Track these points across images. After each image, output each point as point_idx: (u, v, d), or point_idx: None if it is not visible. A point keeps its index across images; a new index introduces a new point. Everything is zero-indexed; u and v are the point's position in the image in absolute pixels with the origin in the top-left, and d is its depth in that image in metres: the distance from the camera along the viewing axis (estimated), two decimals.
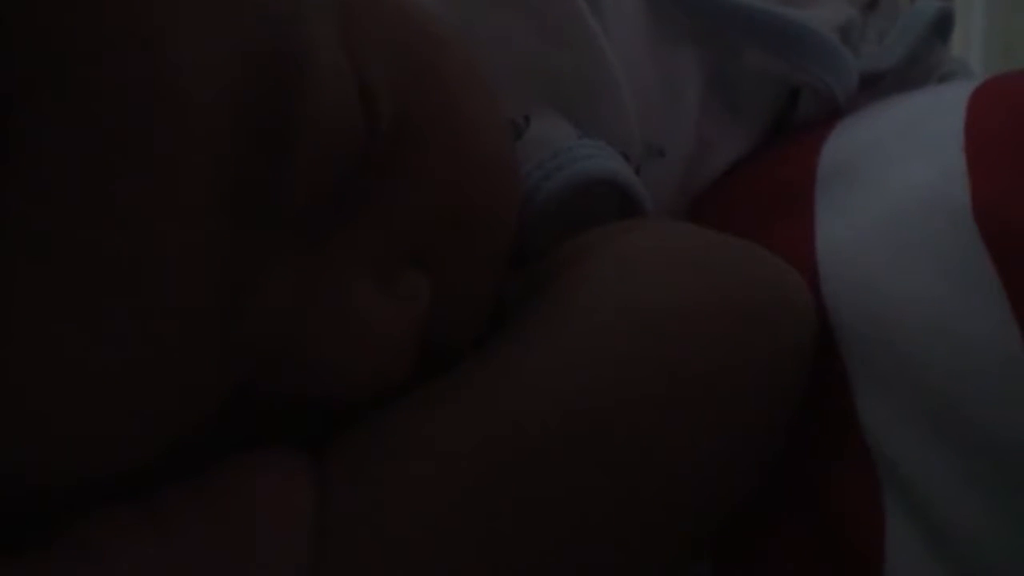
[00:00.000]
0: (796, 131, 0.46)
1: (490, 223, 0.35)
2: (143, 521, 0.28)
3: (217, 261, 0.27)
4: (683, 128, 0.44)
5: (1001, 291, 0.33)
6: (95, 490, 0.28)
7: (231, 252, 0.27)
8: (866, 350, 0.35)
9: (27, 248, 0.25)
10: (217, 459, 0.30)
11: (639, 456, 0.31)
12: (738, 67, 0.45)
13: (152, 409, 0.28)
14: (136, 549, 0.27)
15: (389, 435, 0.31)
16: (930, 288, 0.34)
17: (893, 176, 0.38)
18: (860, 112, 0.44)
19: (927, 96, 0.44)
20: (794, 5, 0.46)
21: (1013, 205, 0.34)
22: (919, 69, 0.50)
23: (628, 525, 0.31)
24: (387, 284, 0.32)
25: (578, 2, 0.40)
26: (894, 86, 0.48)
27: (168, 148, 0.26)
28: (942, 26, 0.52)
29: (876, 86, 0.47)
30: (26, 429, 0.27)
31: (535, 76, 0.40)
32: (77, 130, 0.25)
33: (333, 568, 0.29)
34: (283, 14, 0.28)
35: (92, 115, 0.25)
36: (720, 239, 0.37)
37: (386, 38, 0.32)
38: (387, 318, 0.31)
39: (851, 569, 0.34)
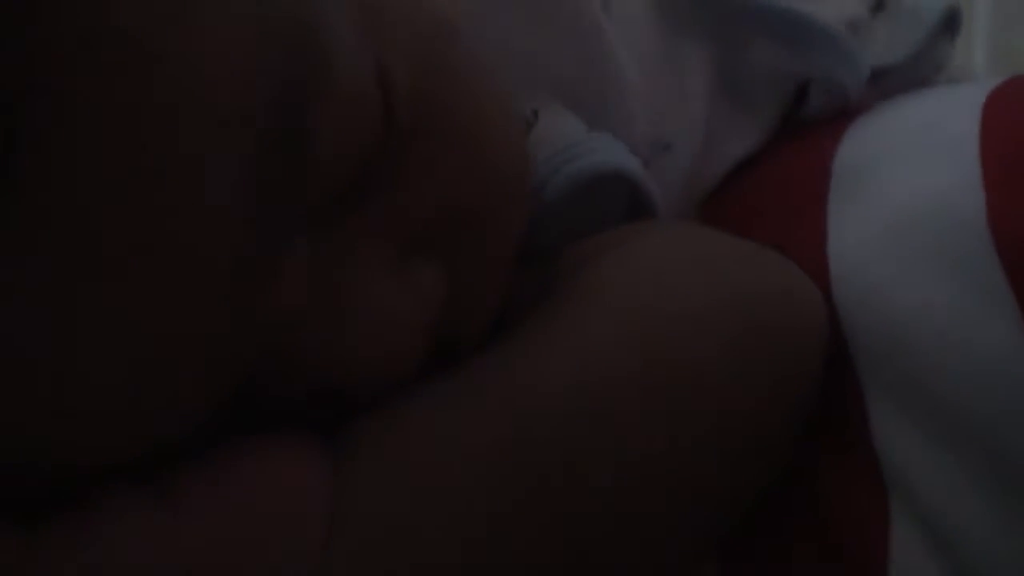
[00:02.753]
0: (809, 129, 0.45)
1: (502, 216, 0.35)
2: (150, 502, 0.28)
3: (237, 251, 0.27)
4: (691, 122, 0.44)
5: (1013, 303, 0.33)
6: (99, 477, 0.28)
7: (251, 242, 0.28)
8: (876, 358, 0.35)
9: (46, 241, 0.25)
10: (228, 445, 0.30)
11: (651, 458, 0.31)
12: (746, 61, 0.45)
13: (167, 398, 0.28)
14: (141, 531, 0.27)
15: (402, 428, 0.31)
16: (941, 298, 0.34)
17: (908, 181, 0.37)
18: (875, 112, 0.44)
19: (942, 97, 0.44)
20: (803, 0, 0.46)
21: None
22: (927, 65, 0.50)
23: (638, 524, 0.31)
24: (402, 275, 0.32)
25: None
26: (901, 82, 0.48)
27: (190, 142, 0.26)
28: (950, 23, 0.51)
29: (884, 82, 0.47)
30: (42, 416, 0.27)
31: (542, 70, 0.40)
32: (98, 125, 0.25)
33: (348, 554, 0.29)
34: (305, 6, 0.28)
35: (115, 111, 0.25)
36: (735, 244, 0.37)
37: (404, 30, 0.32)
38: (402, 308, 0.31)
39: (855, 575, 0.34)
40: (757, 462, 0.34)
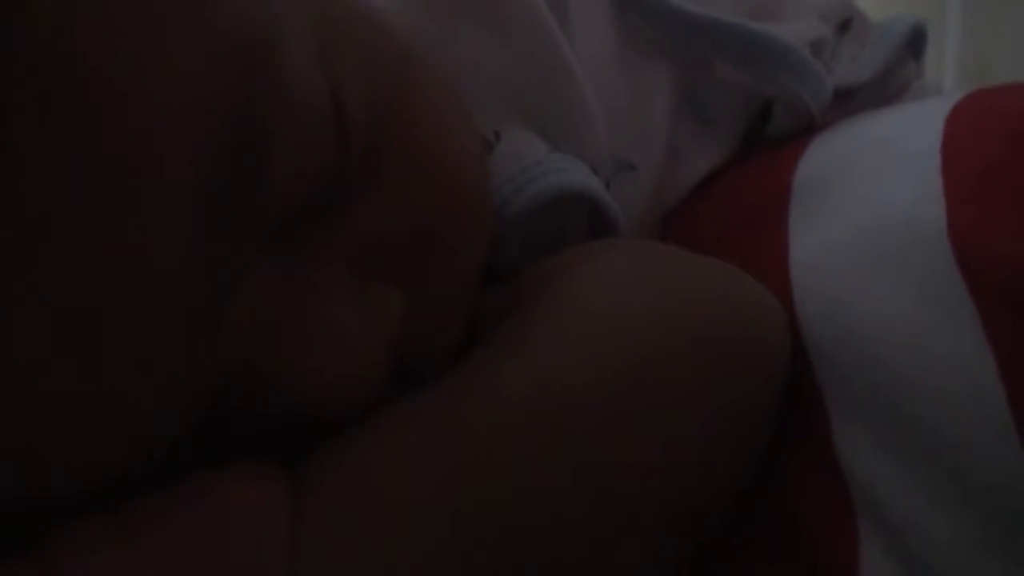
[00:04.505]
0: (773, 146, 0.46)
1: (463, 237, 0.35)
2: (110, 535, 0.28)
3: (195, 276, 0.27)
4: (653, 142, 0.44)
5: (975, 315, 0.32)
6: (62, 508, 0.28)
7: (208, 266, 0.27)
8: (840, 373, 0.35)
9: (5, 271, 0.25)
10: (189, 471, 0.29)
11: (614, 478, 0.31)
12: (709, 80, 0.45)
13: (131, 427, 0.28)
14: (102, 565, 0.27)
15: (364, 450, 0.31)
16: (903, 311, 0.34)
17: (869, 195, 0.38)
18: (837, 126, 0.44)
19: (905, 112, 0.44)
20: (765, 20, 0.46)
21: (988, 229, 0.33)
22: (892, 85, 0.50)
23: (601, 546, 0.31)
24: (361, 297, 0.32)
25: (546, 17, 0.40)
26: (867, 101, 0.48)
27: (144, 168, 0.26)
28: (915, 42, 0.52)
29: (849, 101, 0.47)
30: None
31: (504, 92, 0.40)
32: (54, 152, 0.25)
33: None
34: (259, 30, 0.28)
35: (70, 136, 0.25)
36: (699, 260, 0.37)
37: (362, 54, 0.32)
38: (361, 331, 0.31)
39: None
40: (721, 479, 0.34)
